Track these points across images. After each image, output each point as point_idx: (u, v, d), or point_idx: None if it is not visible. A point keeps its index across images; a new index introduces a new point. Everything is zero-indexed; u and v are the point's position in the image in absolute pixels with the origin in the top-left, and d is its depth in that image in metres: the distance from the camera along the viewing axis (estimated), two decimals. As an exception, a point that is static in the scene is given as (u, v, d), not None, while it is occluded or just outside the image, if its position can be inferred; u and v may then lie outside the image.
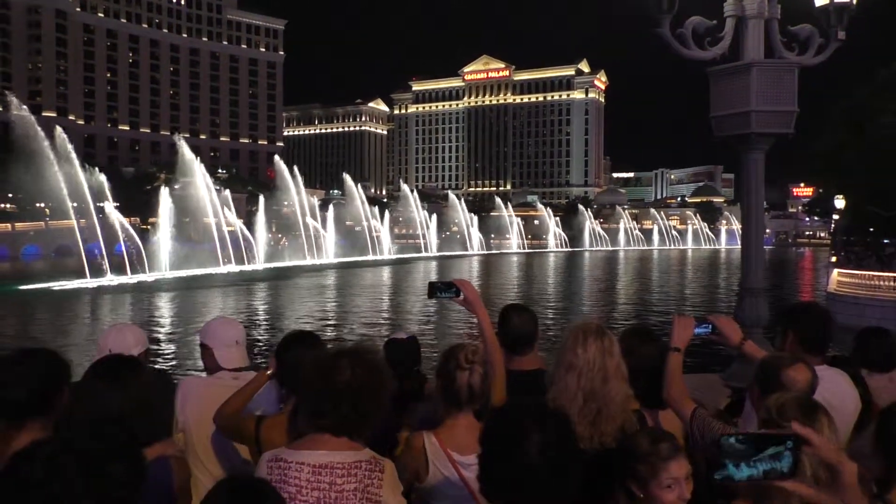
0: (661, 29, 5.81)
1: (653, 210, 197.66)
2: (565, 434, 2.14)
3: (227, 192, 79.13)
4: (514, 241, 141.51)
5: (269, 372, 3.65)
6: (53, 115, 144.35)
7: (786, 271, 77.24)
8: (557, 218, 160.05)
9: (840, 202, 55.58)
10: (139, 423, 2.80)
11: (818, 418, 2.44)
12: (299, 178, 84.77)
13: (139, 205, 76.15)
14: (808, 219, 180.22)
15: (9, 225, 67.07)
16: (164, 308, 39.07)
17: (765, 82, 5.83)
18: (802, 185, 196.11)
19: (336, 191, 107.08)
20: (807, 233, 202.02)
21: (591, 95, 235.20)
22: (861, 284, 36.27)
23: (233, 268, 67.95)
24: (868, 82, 43.21)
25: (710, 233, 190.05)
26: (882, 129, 36.60)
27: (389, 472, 2.70)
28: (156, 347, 24.74)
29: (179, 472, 3.12)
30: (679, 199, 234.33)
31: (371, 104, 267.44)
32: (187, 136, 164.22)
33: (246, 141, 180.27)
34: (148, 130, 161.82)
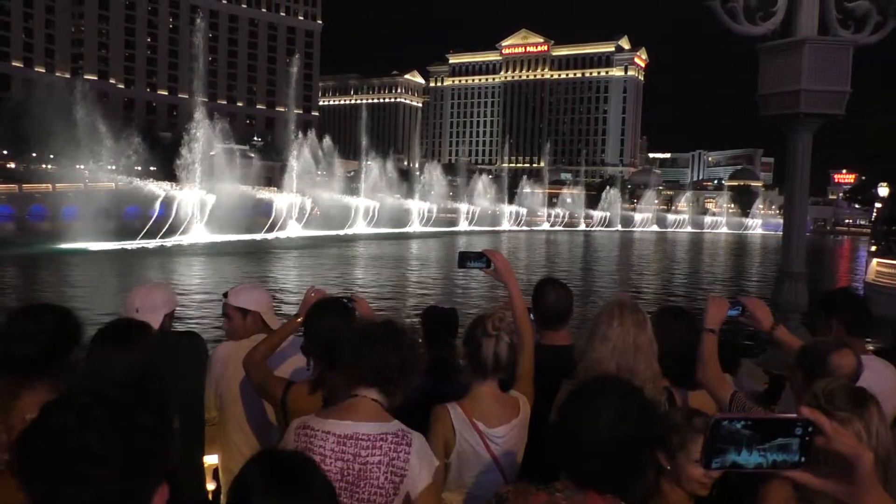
0: (712, 2, 5.62)
1: (689, 193, 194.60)
2: (647, 411, 2.12)
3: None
4: (546, 218, 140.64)
5: (299, 319, 3.65)
6: (94, 77, 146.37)
7: (823, 259, 75.67)
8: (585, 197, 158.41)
9: (884, 190, 54.12)
10: (144, 389, 2.80)
11: (868, 407, 2.36)
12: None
13: (172, 170, 77.12)
14: (848, 206, 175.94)
15: (49, 185, 68.39)
16: (197, 271, 39.67)
17: (817, 60, 5.62)
18: (844, 171, 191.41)
19: (370, 162, 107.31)
20: (846, 221, 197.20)
21: (630, 73, 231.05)
22: (901, 275, 35.36)
23: (267, 235, 68.74)
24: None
25: (746, 218, 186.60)
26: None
27: (418, 445, 2.65)
28: (186, 311, 25.16)
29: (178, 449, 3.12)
30: (716, 181, 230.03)
31: (407, 76, 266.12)
32: (224, 102, 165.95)
33: (282, 109, 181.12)
34: (186, 96, 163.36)
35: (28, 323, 2.70)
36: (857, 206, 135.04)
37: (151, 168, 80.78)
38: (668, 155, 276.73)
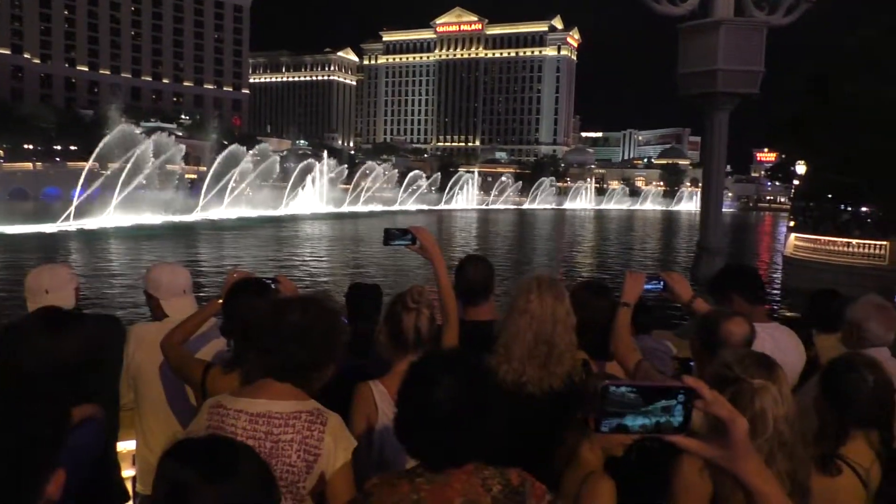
0: (633, -18, 5.72)
1: (619, 170, 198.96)
2: (478, 380, 2.10)
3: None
4: (472, 198, 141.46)
5: (220, 301, 3.57)
6: (7, 52, 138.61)
7: (745, 234, 78.79)
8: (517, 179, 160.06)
9: (801, 168, 56.48)
10: (81, 377, 2.72)
11: (778, 372, 2.46)
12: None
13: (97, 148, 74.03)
14: (769, 184, 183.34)
15: (-37, 166, 64.88)
16: (116, 255, 38.37)
17: (733, 41, 5.80)
18: (766, 150, 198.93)
19: (303, 141, 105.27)
20: (768, 198, 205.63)
21: (563, 53, 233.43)
22: (817, 249, 37.22)
23: (191, 216, 66.87)
24: (835, 48, 43.59)
25: (674, 195, 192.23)
26: (847, 97, 37.05)
27: (334, 424, 2.60)
28: (100, 295, 24.34)
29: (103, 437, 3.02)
30: (646, 160, 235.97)
31: (340, 53, 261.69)
32: (149, 79, 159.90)
33: (210, 87, 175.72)
34: (108, 72, 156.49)
35: None
36: (777, 183, 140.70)
37: (72, 147, 77.30)
38: (600, 134, 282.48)
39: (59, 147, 73.63)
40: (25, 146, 64.78)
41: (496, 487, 2.06)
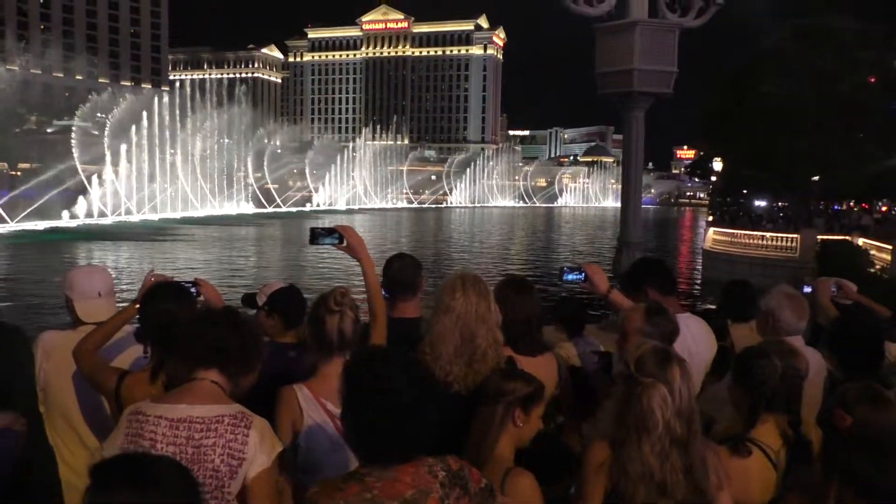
0: (551, -18, 5.84)
1: (544, 168, 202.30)
2: (421, 373, 2.20)
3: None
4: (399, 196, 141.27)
5: (137, 305, 3.46)
6: None
7: (666, 229, 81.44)
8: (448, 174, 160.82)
9: (718, 164, 58.78)
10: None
11: (672, 369, 2.55)
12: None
13: (6, 149, 70.32)
14: (689, 180, 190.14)
15: None
16: (20, 261, 36.59)
17: (647, 41, 5.99)
18: (685, 147, 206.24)
19: (227, 140, 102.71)
20: (688, 193, 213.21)
21: (489, 52, 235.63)
22: (733, 242, 38.86)
23: (112, 218, 64.36)
24: (750, 48, 45.57)
25: (598, 192, 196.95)
26: (762, 96, 38.78)
27: (259, 428, 2.57)
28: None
29: (22, 446, 2.90)
30: (572, 157, 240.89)
31: (265, 50, 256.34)
32: (61, 75, 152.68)
33: (127, 83, 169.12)
34: (15, 68, 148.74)
35: None
36: (696, 179, 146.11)
37: (-24, 148, 73.17)
38: (527, 132, 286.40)
39: (-40, 146, 69.62)
40: (-75, 146, 60.94)
41: (441, 474, 2.12)
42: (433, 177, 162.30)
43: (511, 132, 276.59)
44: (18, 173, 59.93)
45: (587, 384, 4.10)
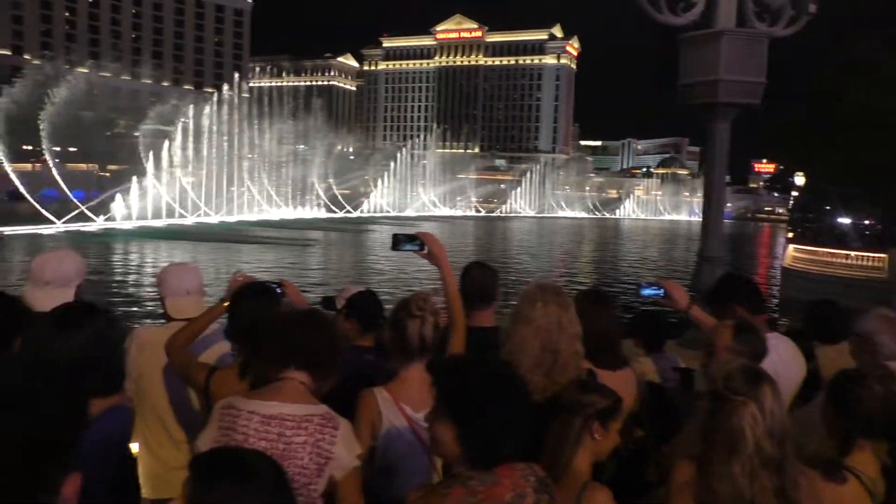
0: (636, -8, 5.74)
1: (618, 179, 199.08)
2: (519, 388, 2.24)
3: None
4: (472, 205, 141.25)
5: (225, 304, 3.57)
6: (8, 53, 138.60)
7: (744, 245, 78.80)
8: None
9: (800, 179, 56.54)
10: (88, 374, 2.71)
11: (762, 387, 2.47)
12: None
13: (98, 151, 74.03)
14: (768, 194, 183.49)
15: (-42, 166, 64.78)
16: (114, 257, 38.31)
17: (734, 51, 5.82)
18: (764, 160, 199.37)
19: (302, 146, 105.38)
20: (766, 208, 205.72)
21: (563, 61, 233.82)
22: (815, 260, 37.24)
23: (192, 219, 66.81)
24: (837, 58, 43.67)
25: (669, 205, 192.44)
26: (849, 108, 37.08)
27: (345, 429, 2.66)
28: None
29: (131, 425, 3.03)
30: (645, 169, 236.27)
31: (341, 59, 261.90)
32: (149, 82, 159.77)
33: (210, 90, 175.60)
34: (108, 74, 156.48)
35: None
36: (776, 194, 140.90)
37: (71, 149, 77.29)
38: (599, 142, 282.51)
39: (58, 149, 73.59)
40: (24, 147, 64.67)
41: (531, 479, 2.16)
42: (502, 186, 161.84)
43: (582, 142, 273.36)
44: (107, 174, 62.89)
45: (666, 400, 4.01)
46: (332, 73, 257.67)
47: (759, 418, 2.37)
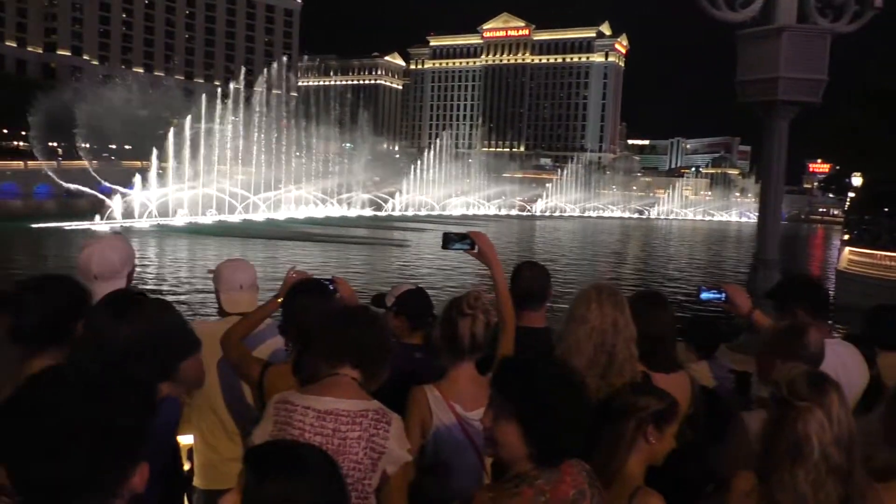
0: (692, -13, 5.63)
1: (666, 179, 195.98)
2: (579, 388, 2.27)
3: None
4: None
5: (279, 300, 3.62)
6: (68, 53, 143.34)
7: (797, 247, 76.72)
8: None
9: (857, 180, 54.82)
10: (146, 360, 2.77)
11: (829, 394, 2.39)
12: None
13: (148, 149, 75.94)
14: (822, 195, 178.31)
15: (21, 163, 67.19)
16: (167, 253, 39.26)
17: (795, 48, 5.65)
18: (819, 160, 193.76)
19: (348, 144, 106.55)
20: (820, 210, 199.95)
21: (610, 59, 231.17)
22: (873, 264, 36.04)
23: (242, 216, 68.05)
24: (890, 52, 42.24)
25: (722, 206, 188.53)
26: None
27: (397, 425, 2.70)
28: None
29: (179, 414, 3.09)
30: (694, 169, 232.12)
31: (387, 58, 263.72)
32: (201, 81, 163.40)
33: (259, 89, 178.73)
34: (162, 74, 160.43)
35: (34, 294, 2.74)
36: (831, 195, 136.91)
37: (126, 147, 79.49)
38: (647, 141, 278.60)
39: (114, 146, 75.77)
40: (82, 144, 66.78)
41: (583, 473, 2.23)
42: (548, 185, 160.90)
43: (630, 141, 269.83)
44: (159, 171, 64.58)
45: (721, 405, 3.92)
46: (379, 73, 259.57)
47: (826, 425, 2.29)
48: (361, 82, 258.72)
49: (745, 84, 6.08)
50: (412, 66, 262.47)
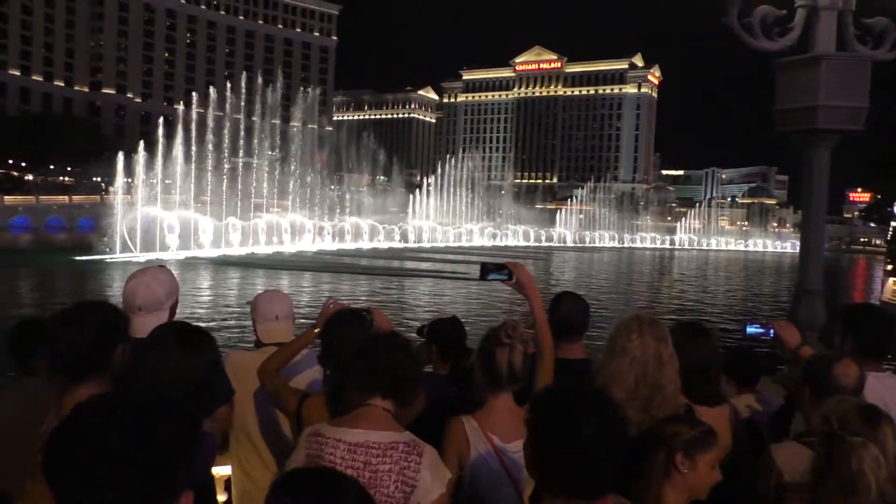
0: (729, 18, 5.60)
1: (701, 209, 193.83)
2: (619, 420, 2.14)
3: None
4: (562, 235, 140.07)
5: (316, 330, 3.63)
6: (112, 91, 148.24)
7: (839, 278, 74.95)
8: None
9: (900, 209, 53.51)
10: (207, 393, 2.81)
11: (882, 427, 2.31)
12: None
13: (188, 183, 77.68)
14: (863, 225, 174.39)
15: (66, 197, 69.29)
16: (208, 284, 39.84)
17: (835, 76, 5.58)
18: (860, 189, 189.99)
19: (382, 177, 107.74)
20: (862, 239, 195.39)
21: (643, 90, 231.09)
22: (918, 295, 35.03)
23: (282, 248, 68.95)
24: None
25: (759, 235, 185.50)
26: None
27: (429, 456, 2.64)
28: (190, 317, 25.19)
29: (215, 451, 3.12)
30: (730, 199, 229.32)
31: (421, 91, 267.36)
32: (239, 116, 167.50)
33: (296, 124, 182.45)
34: (202, 110, 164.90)
35: (72, 324, 2.74)
36: (872, 224, 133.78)
37: (168, 181, 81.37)
38: (681, 172, 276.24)
39: (154, 181, 77.65)
40: (126, 180, 68.66)
41: None
42: (581, 216, 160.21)
43: (664, 171, 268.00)
44: (199, 205, 66.07)
45: (762, 439, 3.81)
46: (413, 106, 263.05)
47: (882, 461, 2.20)
48: (395, 116, 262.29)
49: (784, 113, 6.00)
50: (445, 100, 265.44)
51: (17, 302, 30.47)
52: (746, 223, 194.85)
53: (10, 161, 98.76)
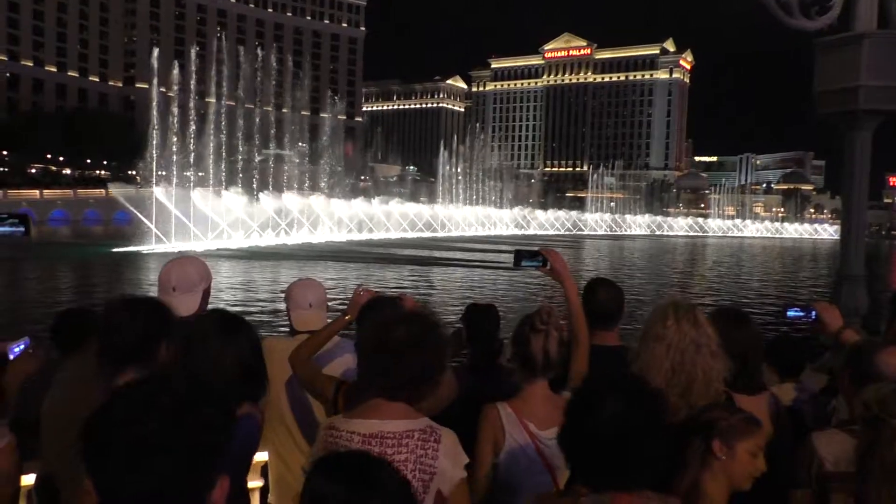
0: (766, -3, 5.47)
1: (735, 196, 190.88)
2: (650, 404, 2.10)
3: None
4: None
5: (347, 317, 3.63)
6: (145, 86, 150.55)
7: (875, 265, 73.31)
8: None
9: (943, 193, 52.14)
10: (255, 378, 2.87)
11: None
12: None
13: (217, 174, 78.84)
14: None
15: (103, 191, 70.69)
16: (239, 275, 40.34)
17: (877, 55, 5.40)
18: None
19: (411, 167, 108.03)
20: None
21: (675, 76, 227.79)
22: (962, 281, 34.11)
23: (306, 238, 69.48)
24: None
25: (795, 222, 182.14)
26: None
27: (448, 441, 2.57)
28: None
29: (258, 435, 3.14)
30: (765, 185, 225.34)
31: (449, 81, 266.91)
32: (269, 108, 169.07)
33: (326, 115, 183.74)
34: (233, 103, 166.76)
35: (125, 314, 2.83)
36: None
37: (201, 174, 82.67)
38: (714, 158, 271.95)
39: (188, 173, 78.75)
40: (159, 173, 69.80)
41: None
42: (612, 203, 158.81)
43: (697, 158, 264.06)
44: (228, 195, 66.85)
45: (803, 428, 3.73)
46: (441, 96, 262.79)
47: None
48: (424, 106, 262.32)
49: (824, 95, 5.85)
50: (474, 89, 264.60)
51: (59, 290, 31.27)
52: (782, 209, 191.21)
53: (49, 156, 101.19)
